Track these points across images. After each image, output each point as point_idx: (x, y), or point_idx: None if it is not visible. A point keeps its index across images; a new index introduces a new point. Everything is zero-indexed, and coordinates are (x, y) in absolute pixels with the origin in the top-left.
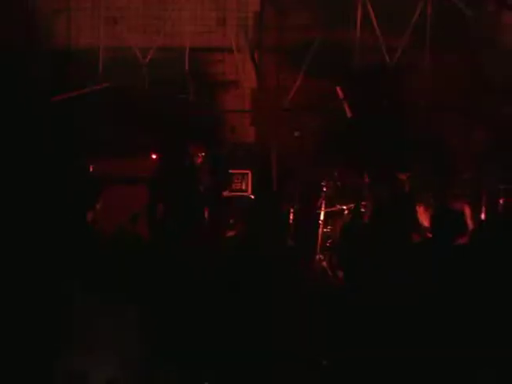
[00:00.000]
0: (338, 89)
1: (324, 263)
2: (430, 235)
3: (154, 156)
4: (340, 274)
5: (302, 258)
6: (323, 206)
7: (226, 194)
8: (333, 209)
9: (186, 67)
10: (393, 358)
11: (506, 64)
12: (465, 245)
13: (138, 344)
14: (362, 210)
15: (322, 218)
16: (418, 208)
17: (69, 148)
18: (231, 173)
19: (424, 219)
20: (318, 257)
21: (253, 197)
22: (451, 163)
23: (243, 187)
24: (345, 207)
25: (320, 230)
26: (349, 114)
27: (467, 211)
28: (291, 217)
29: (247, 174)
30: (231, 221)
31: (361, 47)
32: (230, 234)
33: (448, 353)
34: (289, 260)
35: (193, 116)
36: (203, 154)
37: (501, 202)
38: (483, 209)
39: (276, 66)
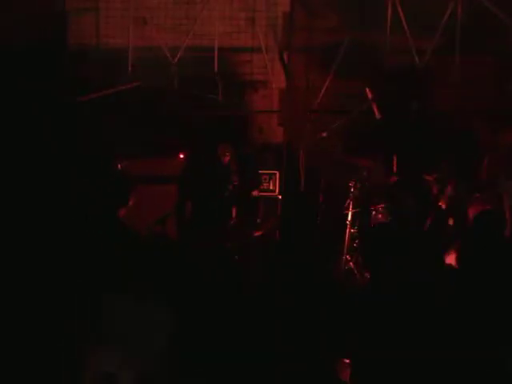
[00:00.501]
0: (367, 90)
1: (351, 264)
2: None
3: (181, 156)
4: (367, 274)
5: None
6: (351, 206)
7: (255, 193)
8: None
9: (216, 67)
10: (418, 359)
11: None
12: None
13: (167, 344)
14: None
15: (349, 218)
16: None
17: (99, 147)
18: (260, 173)
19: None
20: (345, 257)
21: (280, 197)
22: (478, 166)
23: (271, 187)
24: (373, 208)
25: (347, 230)
26: (378, 116)
27: None
28: (318, 217)
29: (275, 174)
30: (258, 220)
31: (390, 49)
32: (258, 233)
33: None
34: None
35: (222, 116)
36: (231, 153)
37: None
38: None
39: (305, 66)
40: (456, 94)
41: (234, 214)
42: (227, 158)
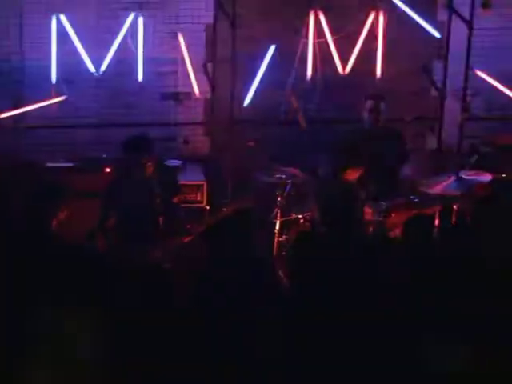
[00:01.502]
0: (292, 100)
1: (280, 272)
2: None
3: (108, 169)
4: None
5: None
6: (278, 215)
7: (175, 200)
8: (288, 218)
9: (139, 79)
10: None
11: None
12: None
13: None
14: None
15: (277, 227)
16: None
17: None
18: (179, 183)
19: None
20: (273, 265)
21: (208, 208)
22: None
23: (199, 198)
24: (300, 216)
25: (276, 239)
26: (302, 125)
27: None
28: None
29: (202, 185)
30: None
31: (315, 58)
32: (187, 239)
33: None
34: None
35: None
36: (152, 165)
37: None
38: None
39: (229, 77)
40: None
41: (161, 224)
42: (150, 170)
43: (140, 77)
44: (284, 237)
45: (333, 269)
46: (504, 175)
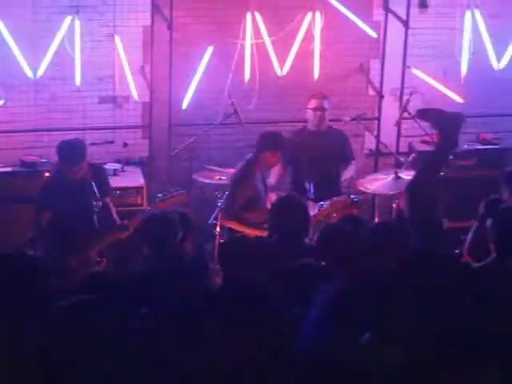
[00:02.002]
0: (231, 101)
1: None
2: None
3: (47, 174)
4: None
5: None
6: (219, 217)
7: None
8: None
9: (78, 83)
10: None
11: None
12: None
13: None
14: None
15: (218, 229)
16: None
17: None
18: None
19: None
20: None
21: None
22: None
23: (139, 201)
24: None
25: (216, 241)
26: (243, 125)
27: None
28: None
29: (142, 188)
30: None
31: (253, 59)
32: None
33: None
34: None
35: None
36: (85, 167)
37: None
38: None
39: (168, 80)
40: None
41: (95, 222)
42: (83, 172)
43: (78, 81)
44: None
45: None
46: (442, 173)
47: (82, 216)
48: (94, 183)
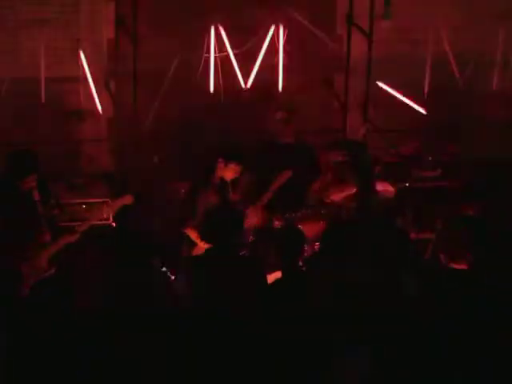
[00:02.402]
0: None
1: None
2: None
3: None
4: None
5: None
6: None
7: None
8: None
9: (42, 99)
10: None
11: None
12: None
13: None
14: None
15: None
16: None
17: None
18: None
19: None
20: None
21: (114, 225)
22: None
23: (105, 216)
24: None
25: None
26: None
27: None
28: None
29: (107, 202)
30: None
31: (218, 72)
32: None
33: None
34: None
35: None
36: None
37: None
38: None
39: (132, 93)
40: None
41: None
42: (32, 183)
43: (43, 96)
44: None
45: None
46: (407, 184)
47: (29, 225)
48: (41, 194)
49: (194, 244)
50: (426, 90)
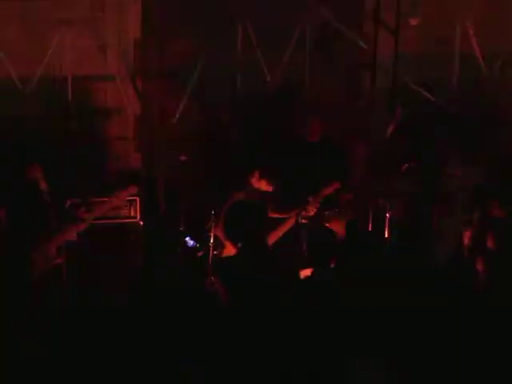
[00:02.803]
0: (223, 112)
1: (217, 285)
2: None
3: None
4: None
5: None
6: (213, 229)
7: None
8: None
9: (70, 97)
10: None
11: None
12: None
13: None
14: None
15: (212, 240)
16: None
17: None
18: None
19: None
20: (210, 279)
21: (142, 223)
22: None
23: (132, 214)
24: None
25: (210, 252)
26: (234, 137)
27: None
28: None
29: (135, 200)
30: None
31: (245, 71)
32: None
33: None
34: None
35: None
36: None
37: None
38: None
39: (159, 92)
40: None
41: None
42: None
43: (70, 94)
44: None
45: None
46: None
47: (34, 213)
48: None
49: (222, 245)
50: (453, 87)
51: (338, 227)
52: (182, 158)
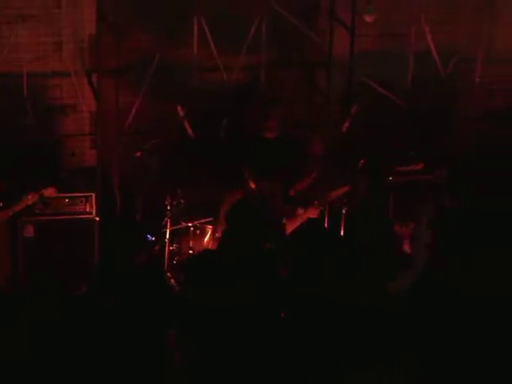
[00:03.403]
0: (178, 108)
1: (172, 281)
2: None
3: None
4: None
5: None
6: (168, 224)
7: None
8: (178, 227)
9: (25, 93)
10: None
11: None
12: None
13: None
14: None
15: (167, 236)
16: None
17: None
18: None
19: None
20: (166, 275)
21: (97, 219)
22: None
23: (88, 209)
24: (190, 224)
25: (166, 248)
26: (190, 134)
27: None
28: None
29: (91, 196)
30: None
31: (200, 67)
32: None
33: None
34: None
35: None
36: None
37: None
38: None
39: (115, 88)
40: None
41: None
42: None
43: (25, 90)
44: (175, 245)
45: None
46: (390, 178)
47: None
48: None
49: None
50: (408, 84)
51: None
52: (138, 153)
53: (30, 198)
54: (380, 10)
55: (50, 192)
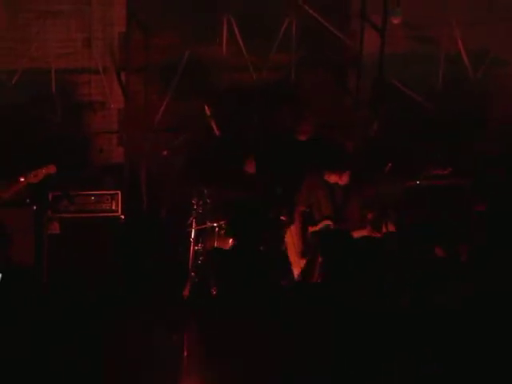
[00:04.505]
0: (206, 107)
1: (197, 280)
2: None
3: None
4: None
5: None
6: (194, 223)
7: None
8: (203, 226)
9: (53, 89)
10: None
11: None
12: None
13: None
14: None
15: (193, 236)
16: None
17: None
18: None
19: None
20: (191, 274)
21: (123, 217)
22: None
23: (114, 207)
24: (215, 224)
25: (191, 247)
26: (216, 133)
27: None
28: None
29: (117, 194)
30: None
31: (229, 66)
32: None
33: None
34: None
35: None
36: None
37: None
38: None
39: (143, 86)
40: (295, 108)
41: None
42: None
43: (53, 86)
44: (200, 245)
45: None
46: (418, 182)
47: None
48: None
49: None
50: (438, 87)
51: None
52: (165, 152)
53: (32, 176)
54: (411, 13)
55: (50, 168)
